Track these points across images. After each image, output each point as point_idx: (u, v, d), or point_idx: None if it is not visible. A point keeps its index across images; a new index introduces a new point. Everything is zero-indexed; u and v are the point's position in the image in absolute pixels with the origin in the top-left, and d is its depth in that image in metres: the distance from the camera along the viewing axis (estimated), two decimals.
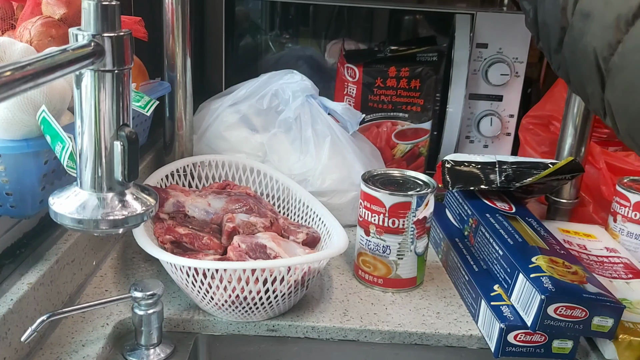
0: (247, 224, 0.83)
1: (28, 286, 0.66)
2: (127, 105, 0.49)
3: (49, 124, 0.62)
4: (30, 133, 0.64)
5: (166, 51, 1.01)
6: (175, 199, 0.86)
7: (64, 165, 0.62)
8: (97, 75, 0.46)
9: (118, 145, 0.49)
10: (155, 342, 0.72)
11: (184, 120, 1.06)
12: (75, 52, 0.44)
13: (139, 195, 0.53)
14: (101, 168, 0.50)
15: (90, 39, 0.45)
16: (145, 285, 0.70)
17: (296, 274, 0.73)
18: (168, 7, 0.98)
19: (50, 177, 0.69)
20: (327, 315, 0.79)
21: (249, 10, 1.29)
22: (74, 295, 0.78)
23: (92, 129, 0.48)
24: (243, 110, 1.09)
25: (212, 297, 0.73)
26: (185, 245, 0.80)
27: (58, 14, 0.77)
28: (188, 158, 1.03)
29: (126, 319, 0.75)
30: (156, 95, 0.93)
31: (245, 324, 0.77)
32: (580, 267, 0.74)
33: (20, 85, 0.38)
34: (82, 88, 0.47)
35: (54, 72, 0.41)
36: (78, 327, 0.73)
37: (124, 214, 0.51)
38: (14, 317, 0.63)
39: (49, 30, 0.75)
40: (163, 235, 0.80)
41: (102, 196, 0.51)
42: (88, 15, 0.45)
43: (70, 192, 0.51)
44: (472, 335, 0.77)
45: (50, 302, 0.71)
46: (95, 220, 0.50)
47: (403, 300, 0.84)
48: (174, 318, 0.77)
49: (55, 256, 0.73)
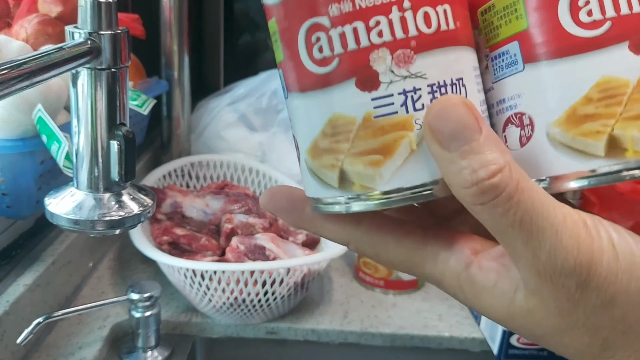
0: (245, 224, 0.82)
1: (24, 287, 0.65)
2: (124, 104, 0.48)
3: (45, 123, 0.61)
4: (26, 132, 0.63)
5: (164, 49, 1.01)
6: (172, 200, 0.85)
7: (60, 165, 0.61)
8: (94, 73, 0.46)
9: (115, 144, 0.48)
10: (152, 345, 0.71)
11: (182, 119, 1.05)
12: (71, 50, 0.43)
13: (136, 195, 0.52)
14: (98, 168, 0.49)
15: (86, 37, 0.44)
16: (143, 287, 0.69)
17: (296, 276, 0.72)
18: (166, 5, 0.98)
19: (46, 177, 0.68)
20: (327, 318, 0.78)
21: (247, 7, 1.28)
22: (71, 297, 0.78)
23: (88, 128, 0.47)
24: (242, 109, 1.09)
25: (210, 299, 0.72)
26: (183, 247, 0.79)
27: (54, 11, 0.76)
28: (186, 158, 1.02)
29: (123, 321, 0.74)
30: (153, 94, 0.92)
31: (244, 326, 0.76)
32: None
33: (16, 84, 0.38)
34: (78, 87, 0.46)
35: (50, 70, 0.41)
36: (75, 329, 0.72)
37: (121, 215, 0.50)
38: (9, 319, 0.62)
39: (45, 28, 0.74)
40: (160, 236, 0.79)
41: (98, 197, 0.50)
42: (84, 13, 0.45)
43: (67, 192, 0.50)
44: (474, 338, 0.76)
45: (46, 303, 0.70)
46: (92, 221, 0.49)
47: (404, 302, 0.83)
48: (172, 320, 0.76)
49: (51, 257, 0.72)
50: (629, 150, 0.26)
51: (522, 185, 0.25)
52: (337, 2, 0.26)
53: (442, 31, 0.27)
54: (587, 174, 0.27)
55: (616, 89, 0.27)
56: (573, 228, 0.25)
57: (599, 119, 0.27)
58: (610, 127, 0.26)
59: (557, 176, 0.28)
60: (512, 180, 0.24)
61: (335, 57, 0.27)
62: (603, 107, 0.27)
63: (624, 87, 0.26)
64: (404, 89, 0.26)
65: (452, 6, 0.27)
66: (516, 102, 0.29)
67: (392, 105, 0.26)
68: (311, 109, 0.28)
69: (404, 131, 0.26)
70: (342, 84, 0.27)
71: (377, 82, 0.26)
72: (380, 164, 0.27)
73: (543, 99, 0.28)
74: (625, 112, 0.26)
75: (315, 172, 0.29)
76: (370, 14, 0.26)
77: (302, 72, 0.28)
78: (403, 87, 0.26)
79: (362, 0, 0.26)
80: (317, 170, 0.28)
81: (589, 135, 0.27)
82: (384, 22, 0.26)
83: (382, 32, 0.26)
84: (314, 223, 0.31)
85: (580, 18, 0.27)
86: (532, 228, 0.25)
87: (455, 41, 0.27)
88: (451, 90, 0.27)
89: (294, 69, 0.28)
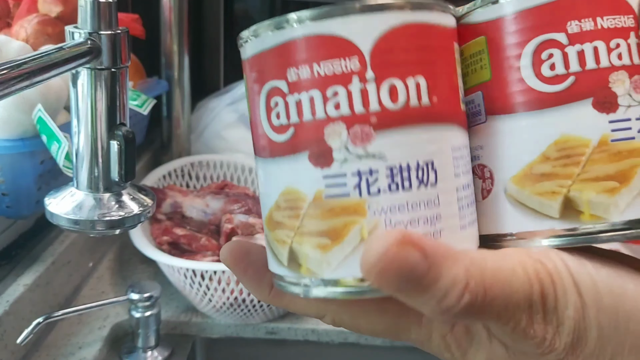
0: (245, 224, 0.82)
1: (24, 287, 0.65)
2: (124, 104, 0.48)
3: (45, 123, 0.61)
4: (26, 132, 0.63)
5: (163, 49, 1.01)
6: (172, 200, 0.85)
7: (60, 165, 0.61)
8: (94, 73, 0.46)
9: (115, 144, 0.48)
10: (152, 345, 0.71)
11: (182, 119, 1.05)
12: (71, 50, 0.43)
13: (136, 195, 0.52)
14: (98, 168, 0.49)
15: (86, 37, 0.44)
16: (143, 287, 0.69)
17: None
18: (166, 5, 0.97)
19: (46, 177, 0.68)
20: None
21: (248, 7, 1.28)
22: (71, 297, 0.78)
23: (88, 128, 0.47)
24: (242, 109, 1.09)
25: (210, 299, 0.72)
26: (183, 247, 0.79)
27: (54, 12, 0.76)
28: (186, 158, 1.02)
29: (123, 321, 0.74)
30: (153, 94, 0.92)
31: (244, 326, 0.76)
32: None
33: (16, 84, 0.38)
34: (78, 87, 0.46)
35: (50, 70, 0.41)
36: (74, 329, 0.72)
37: (121, 215, 0.50)
38: (9, 319, 0.62)
39: (45, 28, 0.74)
40: (160, 236, 0.79)
41: (98, 197, 0.50)
42: (84, 13, 0.45)
43: (67, 192, 0.50)
44: None
45: (46, 303, 0.70)
46: (92, 221, 0.49)
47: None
48: (172, 320, 0.76)
49: (51, 257, 0.72)
50: (584, 213, 0.25)
51: (487, 284, 0.22)
52: (295, 66, 0.24)
53: (411, 107, 0.23)
54: (549, 234, 0.26)
55: (575, 148, 0.25)
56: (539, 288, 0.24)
57: (555, 178, 0.25)
58: (566, 189, 0.25)
59: (518, 233, 0.26)
60: (479, 286, 0.22)
61: (291, 125, 0.24)
62: (560, 167, 0.25)
63: (583, 146, 0.25)
64: (358, 169, 0.23)
65: (428, 78, 0.24)
66: (479, 154, 0.27)
67: (344, 187, 0.23)
68: (267, 178, 0.26)
69: (356, 216, 0.23)
70: (295, 155, 0.24)
71: (330, 159, 0.24)
72: (327, 249, 0.24)
73: (502, 154, 0.26)
74: (583, 173, 0.25)
75: (270, 245, 0.26)
76: (329, 83, 0.23)
77: (260, 137, 0.26)
78: (358, 167, 0.23)
79: (320, 67, 0.23)
80: (272, 243, 0.26)
81: (544, 195, 0.25)
82: (342, 93, 0.23)
83: (339, 104, 0.23)
84: (281, 299, 0.29)
85: (542, 72, 0.25)
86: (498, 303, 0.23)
87: (429, 118, 0.24)
88: (415, 175, 0.24)
89: (255, 130, 0.26)
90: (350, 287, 0.24)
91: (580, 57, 0.25)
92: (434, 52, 0.25)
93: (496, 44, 0.26)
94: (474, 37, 0.27)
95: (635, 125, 0.25)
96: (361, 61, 0.23)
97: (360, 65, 0.23)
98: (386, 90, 0.23)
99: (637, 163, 0.25)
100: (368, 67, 0.23)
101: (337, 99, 0.23)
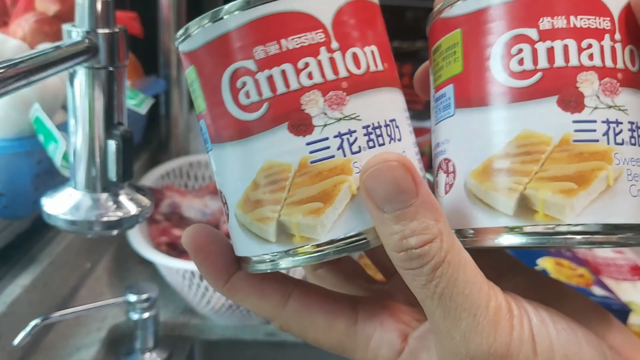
0: None
1: (21, 289, 0.65)
2: (121, 103, 0.48)
3: (43, 122, 0.60)
4: (23, 132, 0.63)
5: (162, 48, 1.00)
6: (171, 200, 0.84)
7: (57, 165, 0.60)
8: (91, 72, 0.45)
9: (112, 144, 0.48)
10: (150, 347, 0.70)
11: (180, 118, 1.04)
12: (68, 49, 0.43)
13: (134, 195, 0.51)
14: (95, 168, 0.48)
15: (84, 35, 0.44)
16: (141, 289, 0.68)
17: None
18: (164, 3, 0.97)
19: (43, 177, 0.68)
20: None
21: None
22: (68, 298, 0.77)
23: (86, 128, 0.47)
24: None
25: (209, 300, 0.71)
26: (181, 248, 0.79)
27: (52, 10, 0.76)
28: (184, 157, 1.02)
29: (121, 322, 0.74)
30: (152, 93, 0.91)
31: (242, 328, 0.75)
32: (586, 270, 0.73)
33: (13, 83, 0.38)
34: (75, 86, 0.46)
35: (47, 69, 0.40)
36: (72, 330, 0.72)
37: (119, 215, 0.50)
38: (6, 321, 0.61)
39: (42, 27, 0.73)
40: (158, 237, 0.79)
41: (96, 197, 0.49)
42: (82, 12, 0.44)
43: (64, 192, 0.50)
44: None
45: (43, 305, 0.70)
46: (89, 221, 0.49)
47: None
48: (170, 322, 0.75)
49: (48, 258, 0.71)
50: (538, 212, 0.24)
51: (449, 258, 0.23)
52: (262, 44, 0.25)
53: (371, 72, 0.26)
54: (502, 232, 0.25)
55: (536, 145, 0.25)
56: (494, 314, 0.24)
57: (513, 175, 0.25)
58: (522, 186, 0.25)
59: (477, 229, 0.26)
60: (440, 251, 0.23)
61: (264, 101, 0.25)
62: (519, 164, 0.25)
63: (544, 144, 0.25)
64: (339, 131, 0.25)
65: (379, 47, 0.26)
66: (445, 148, 0.28)
67: (328, 149, 0.25)
68: (239, 159, 0.26)
69: (343, 175, 0.25)
70: (273, 129, 0.25)
71: (311, 126, 0.25)
72: (320, 212, 0.25)
73: (465, 148, 0.27)
74: (541, 171, 0.24)
75: (247, 227, 0.27)
76: (299, 56, 0.25)
77: (227, 120, 0.26)
78: (338, 129, 0.25)
79: (289, 42, 0.25)
80: (250, 224, 0.27)
81: (500, 191, 0.25)
82: (313, 64, 0.25)
83: (311, 73, 0.25)
84: (235, 293, 0.29)
85: (510, 66, 0.25)
86: (450, 305, 0.23)
87: (385, 82, 0.26)
88: (386, 132, 0.26)
89: (219, 117, 0.27)
90: (344, 244, 0.25)
91: (549, 54, 0.25)
92: (377, 25, 0.27)
93: (470, 37, 0.26)
94: (451, 30, 0.27)
95: (601, 128, 0.24)
96: (325, 33, 0.25)
97: (326, 37, 0.25)
98: (350, 57, 0.25)
99: (600, 166, 0.24)
100: (332, 38, 0.25)
101: (309, 69, 0.25)
